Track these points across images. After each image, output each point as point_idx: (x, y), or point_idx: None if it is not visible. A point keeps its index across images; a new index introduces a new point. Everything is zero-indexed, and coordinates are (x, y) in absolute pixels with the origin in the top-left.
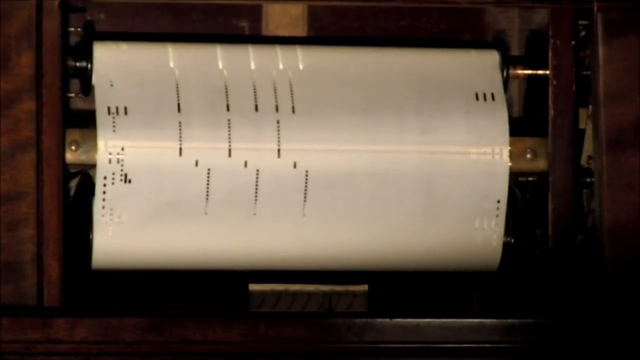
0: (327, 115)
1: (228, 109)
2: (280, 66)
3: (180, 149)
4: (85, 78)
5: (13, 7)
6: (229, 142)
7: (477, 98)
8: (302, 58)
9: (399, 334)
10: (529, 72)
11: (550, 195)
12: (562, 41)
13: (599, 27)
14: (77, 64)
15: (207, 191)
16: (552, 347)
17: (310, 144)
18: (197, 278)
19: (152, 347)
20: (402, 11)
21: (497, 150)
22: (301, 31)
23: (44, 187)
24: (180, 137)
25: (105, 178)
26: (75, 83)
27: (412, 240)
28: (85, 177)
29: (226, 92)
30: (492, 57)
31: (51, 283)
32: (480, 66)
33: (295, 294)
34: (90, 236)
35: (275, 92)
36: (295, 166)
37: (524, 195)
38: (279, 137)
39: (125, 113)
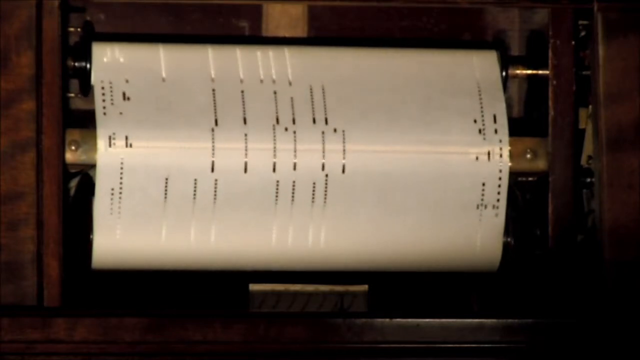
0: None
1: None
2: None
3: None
4: (84, 78)
5: (13, 7)
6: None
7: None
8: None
9: (399, 334)
10: (529, 72)
11: (550, 195)
12: (562, 41)
13: (599, 27)
14: (76, 64)
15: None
16: (552, 347)
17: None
18: (197, 278)
19: (152, 347)
20: (402, 11)
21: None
22: (301, 31)
23: (44, 187)
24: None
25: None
26: (75, 83)
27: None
28: (85, 177)
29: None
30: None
31: (51, 283)
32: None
33: (295, 294)
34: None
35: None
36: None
37: (524, 195)
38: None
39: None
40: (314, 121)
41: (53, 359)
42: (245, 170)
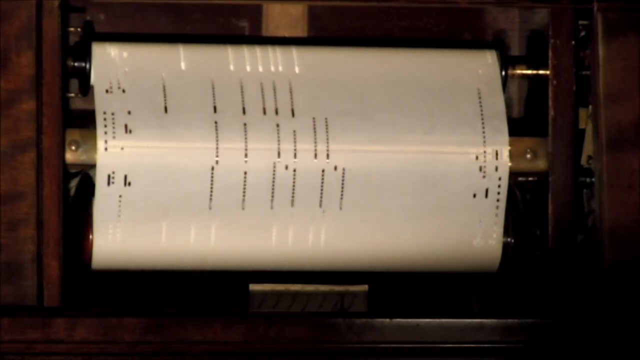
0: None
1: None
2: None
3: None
4: (84, 78)
5: (13, 7)
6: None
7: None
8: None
9: (399, 334)
10: (529, 72)
11: (550, 195)
12: (562, 41)
13: (599, 27)
14: (76, 64)
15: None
16: (552, 347)
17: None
18: (197, 278)
19: (152, 347)
20: (402, 11)
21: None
22: (301, 31)
23: (44, 187)
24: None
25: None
26: (75, 83)
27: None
28: (85, 177)
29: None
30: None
31: (51, 283)
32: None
33: (295, 294)
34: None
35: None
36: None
37: (524, 195)
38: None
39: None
40: (315, 156)
41: (53, 359)
42: (243, 208)
